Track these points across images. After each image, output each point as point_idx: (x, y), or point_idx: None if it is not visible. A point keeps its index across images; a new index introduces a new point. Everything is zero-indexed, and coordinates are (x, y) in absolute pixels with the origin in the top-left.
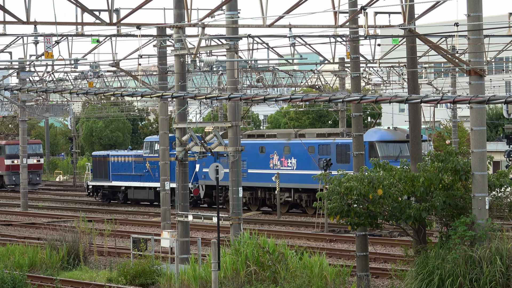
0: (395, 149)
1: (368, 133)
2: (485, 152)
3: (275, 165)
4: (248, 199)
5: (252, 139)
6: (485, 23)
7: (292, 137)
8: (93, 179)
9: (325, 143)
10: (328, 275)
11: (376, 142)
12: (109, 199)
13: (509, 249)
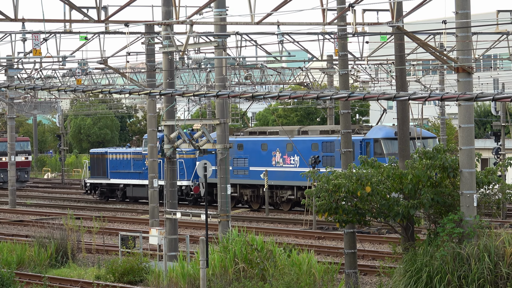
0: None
1: (373, 130)
2: (473, 149)
3: (277, 163)
4: (249, 197)
5: (254, 136)
6: (473, 20)
7: (295, 134)
8: (91, 176)
9: (329, 140)
10: (316, 272)
11: (382, 139)
12: (107, 197)
13: (497, 246)
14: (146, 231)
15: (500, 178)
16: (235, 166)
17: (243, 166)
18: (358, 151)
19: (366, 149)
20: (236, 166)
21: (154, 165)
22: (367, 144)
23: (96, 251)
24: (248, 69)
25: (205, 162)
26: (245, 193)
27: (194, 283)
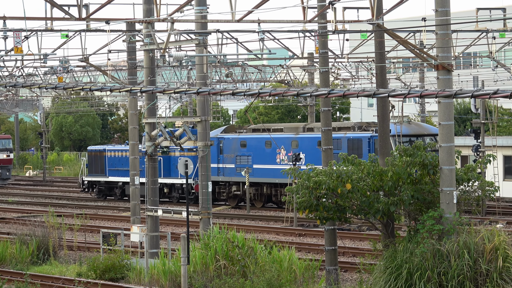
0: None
1: None
2: (453, 146)
3: (282, 160)
4: (253, 195)
5: (257, 133)
6: (453, 18)
7: (300, 132)
8: (89, 174)
9: (336, 137)
10: (297, 269)
11: (391, 136)
12: (105, 195)
13: (476, 243)
14: (128, 228)
15: (479, 175)
16: (238, 164)
17: (246, 164)
18: (367, 148)
19: (374, 146)
20: (239, 164)
21: (135, 162)
22: (375, 141)
23: (78, 249)
24: (229, 67)
25: (186, 159)
26: (249, 191)
27: (175, 280)
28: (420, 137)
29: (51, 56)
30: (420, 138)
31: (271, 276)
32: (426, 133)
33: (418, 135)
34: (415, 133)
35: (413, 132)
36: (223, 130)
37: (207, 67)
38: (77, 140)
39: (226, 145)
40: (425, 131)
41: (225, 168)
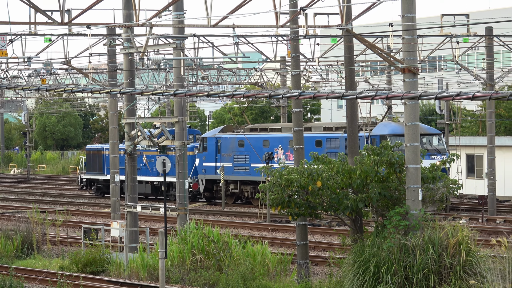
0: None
1: (379, 127)
2: (418, 146)
3: (279, 159)
4: (250, 194)
5: (255, 133)
6: (419, 23)
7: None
8: (87, 172)
9: (333, 137)
10: (270, 262)
11: (388, 135)
12: (103, 193)
13: (441, 238)
14: (108, 224)
15: (444, 174)
16: (236, 162)
17: (244, 163)
18: None
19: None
20: (236, 163)
21: (115, 161)
22: (373, 140)
23: (60, 243)
24: (205, 70)
25: (164, 158)
26: (246, 189)
27: (153, 274)
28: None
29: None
30: None
31: (245, 270)
32: (422, 132)
33: None
34: None
35: None
36: (220, 130)
37: (184, 70)
38: (59, 140)
39: (224, 144)
40: (421, 131)
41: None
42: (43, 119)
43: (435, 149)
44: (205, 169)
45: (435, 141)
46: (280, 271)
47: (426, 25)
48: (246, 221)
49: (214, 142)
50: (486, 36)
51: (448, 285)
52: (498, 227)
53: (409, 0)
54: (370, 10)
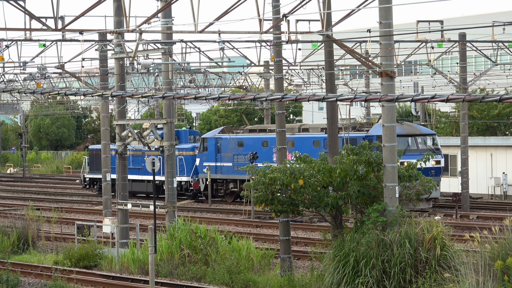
0: (403, 143)
1: (376, 127)
2: (395, 146)
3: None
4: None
5: (254, 133)
6: (395, 29)
7: (296, 132)
8: (90, 172)
9: None
10: (254, 257)
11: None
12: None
13: (417, 233)
14: (100, 220)
15: (419, 172)
16: (236, 162)
17: (243, 163)
18: None
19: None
20: (236, 163)
21: (107, 160)
22: (369, 140)
23: (55, 239)
24: (192, 74)
25: (153, 158)
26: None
27: (143, 268)
28: (412, 136)
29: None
30: (412, 137)
31: (231, 264)
32: (418, 133)
33: (409, 135)
34: (407, 133)
35: (405, 132)
36: (220, 131)
37: (172, 73)
38: (53, 140)
39: (224, 144)
40: (416, 131)
41: (222, 167)
42: (38, 120)
43: (429, 149)
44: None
45: (429, 141)
46: (264, 265)
47: (402, 31)
48: (231, 217)
49: (214, 142)
50: (459, 42)
51: (423, 278)
52: (471, 223)
53: (386, 7)
54: (349, 17)
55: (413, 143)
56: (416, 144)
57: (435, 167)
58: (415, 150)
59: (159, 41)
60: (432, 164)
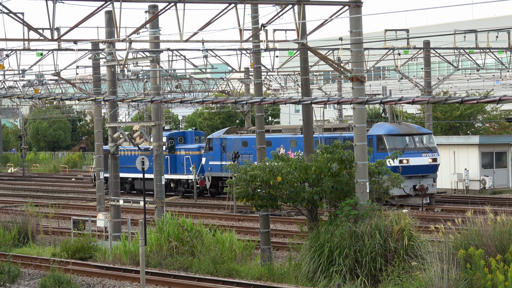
0: (402, 142)
1: (375, 127)
2: (365, 145)
3: None
4: None
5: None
6: (365, 38)
7: (298, 132)
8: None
9: (333, 137)
10: (237, 248)
11: (384, 135)
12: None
13: (386, 225)
14: (94, 215)
15: (388, 169)
16: (241, 161)
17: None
18: None
19: (369, 145)
20: (241, 162)
21: (100, 160)
22: (369, 140)
23: (52, 233)
24: (178, 80)
25: (142, 157)
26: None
27: (134, 259)
28: (410, 135)
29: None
30: (410, 136)
31: (215, 255)
32: (415, 132)
33: (408, 134)
34: (406, 133)
35: (404, 132)
36: (225, 131)
37: (160, 80)
38: (51, 142)
39: (229, 144)
40: (414, 131)
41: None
42: (36, 124)
43: (426, 147)
44: (211, 167)
45: (426, 140)
46: (246, 255)
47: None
48: (215, 212)
49: (219, 142)
50: (424, 49)
51: (392, 267)
52: (436, 215)
53: (356, 17)
54: (322, 26)
55: (411, 141)
56: (414, 143)
57: (432, 164)
58: (413, 148)
59: (147, 49)
60: (429, 161)
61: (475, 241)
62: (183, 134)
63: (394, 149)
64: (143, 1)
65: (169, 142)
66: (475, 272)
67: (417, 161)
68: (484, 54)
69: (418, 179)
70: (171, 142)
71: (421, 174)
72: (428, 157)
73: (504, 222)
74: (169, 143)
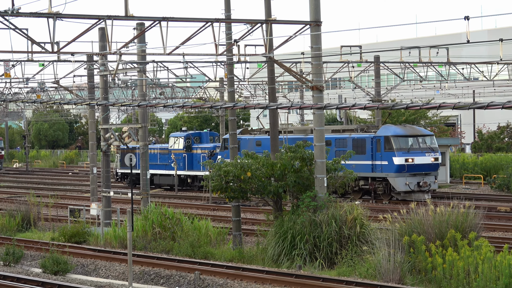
0: (407, 142)
1: (382, 129)
2: (323, 145)
3: None
4: None
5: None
6: (324, 52)
7: (308, 133)
8: (121, 167)
9: (342, 138)
10: (212, 234)
11: (391, 136)
12: (135, 184)
13: (341, 214)
14: (88, 205)
15: (343, 166)
16: None
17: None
18: (370, 146)
19: (377, 145)
20: None
21: (93, 157)
22: (377, 140)
23: (52, 220)
24: (162, 88)
25: (130, 154)
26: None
27: (123, 243)
28: (414, 137)
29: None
30: (413, 137)
31: (193, 240)
32: (419, 134)
33: (412, 136)
34: (410, 134)
35: (408, 133)
36: (239, 132)
37: (146, 87)
38: (51, 141)
39: (243, 144)
40: (417, 132)
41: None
42: (38, 125)
43: (429, 147)
44: None
45: (428, 141)
46: (220, 240)
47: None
48: (194, 202)
49: None
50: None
51: (346, 250)
52: (384, 207)
53: (316, 35)
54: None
55: (415, 142)
56: (418, 143)
57: (434, 163)
58: (417, 148)
59: (135, 61)
60: (431, 160)
61: (417, 229)
62: (199, 134)
63: (400, 149)
64: (131, 19)
65: (186, 142)
66: (417, 256)
67: (421, 160)
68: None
69: (422, 176)
70: (188, 141)
71: (424, 172)
72: (431, 157)
73: (443, 213)
74: (186, 143)
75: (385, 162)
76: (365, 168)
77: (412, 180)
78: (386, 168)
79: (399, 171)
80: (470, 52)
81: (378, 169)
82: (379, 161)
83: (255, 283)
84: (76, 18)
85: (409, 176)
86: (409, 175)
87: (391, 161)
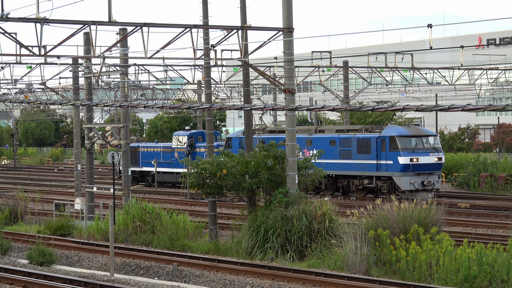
0: (411, 142)
1: (387, 129)
2: (295, 144)
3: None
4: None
5: (274, 134)
6: (296, 57)
7: (313, 133)
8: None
9: (347, 137)
10: (189, 228)
11: (396, 136)
12: (137, 181)
13: (311, 210)
14: (73, 200)
15: (313, 164)
16: None
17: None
18: (375, 146)
19: (382, 145)
20: None
21: (78, 155)
22: (382, 140)
23: (38, 214)
24: (143, 89)
25: (113, 152)
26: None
27: (105, 236)
28: (418, 137)
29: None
30: (418, 137)
31: (172, 233)
32: (423, 134)
33: (417, 136)
34: (415, 134)
35: (413, 134)
36: (242, 132)
37: (128, 89)
38: (38, 139)
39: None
40: (422, 133)
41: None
42: (26, 124)
43: (432, 147)
44: None
45: (432, 141)
46: (197, 234)
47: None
48: (172, 198)
49: (238, 141)
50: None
51: (316, 244)
52: (352, 203)
53: (288, 41)
54: (261, 48)
55: (419, 142)
56: (422, 143)
57: (437, 162)
58: (422, 148)
59: (118, 64)
60: (435, 160)
61: (383, 224)
62: (202, 133)
63: (405, 149)
64: (115, 24)
65: (190, 141)
66: (382, 249)
67: (425, 160)
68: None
69: (426, 175)
70: (191, 140)
71: (428, 172)
72: (435, 156)
73: (407, 209)
74: (190, 141)
75: (390, 162)
76: (370, 167)
77: (417, 179)
78: (391, 167)
79: (404, 170)
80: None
81: (383, 168)
82: (384, 160)
83: (230, 274)
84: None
85: (413, 176)
86: (413, 175)
87: (396, 160)
